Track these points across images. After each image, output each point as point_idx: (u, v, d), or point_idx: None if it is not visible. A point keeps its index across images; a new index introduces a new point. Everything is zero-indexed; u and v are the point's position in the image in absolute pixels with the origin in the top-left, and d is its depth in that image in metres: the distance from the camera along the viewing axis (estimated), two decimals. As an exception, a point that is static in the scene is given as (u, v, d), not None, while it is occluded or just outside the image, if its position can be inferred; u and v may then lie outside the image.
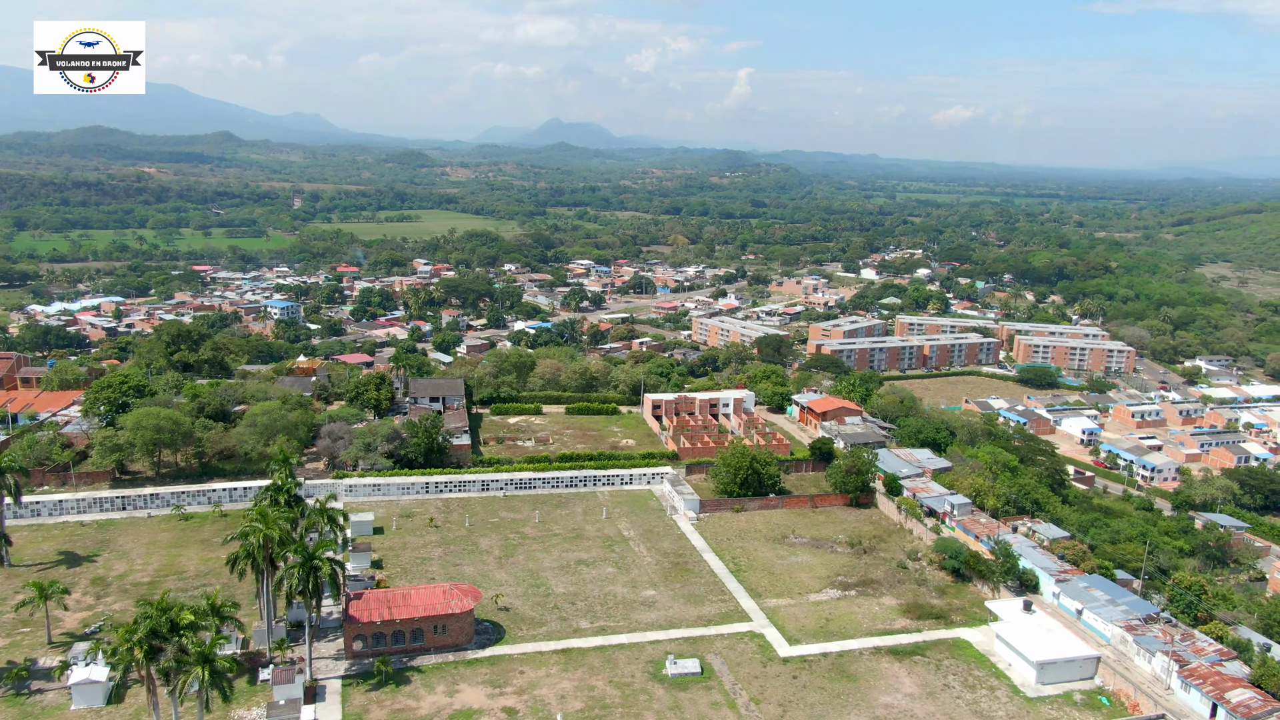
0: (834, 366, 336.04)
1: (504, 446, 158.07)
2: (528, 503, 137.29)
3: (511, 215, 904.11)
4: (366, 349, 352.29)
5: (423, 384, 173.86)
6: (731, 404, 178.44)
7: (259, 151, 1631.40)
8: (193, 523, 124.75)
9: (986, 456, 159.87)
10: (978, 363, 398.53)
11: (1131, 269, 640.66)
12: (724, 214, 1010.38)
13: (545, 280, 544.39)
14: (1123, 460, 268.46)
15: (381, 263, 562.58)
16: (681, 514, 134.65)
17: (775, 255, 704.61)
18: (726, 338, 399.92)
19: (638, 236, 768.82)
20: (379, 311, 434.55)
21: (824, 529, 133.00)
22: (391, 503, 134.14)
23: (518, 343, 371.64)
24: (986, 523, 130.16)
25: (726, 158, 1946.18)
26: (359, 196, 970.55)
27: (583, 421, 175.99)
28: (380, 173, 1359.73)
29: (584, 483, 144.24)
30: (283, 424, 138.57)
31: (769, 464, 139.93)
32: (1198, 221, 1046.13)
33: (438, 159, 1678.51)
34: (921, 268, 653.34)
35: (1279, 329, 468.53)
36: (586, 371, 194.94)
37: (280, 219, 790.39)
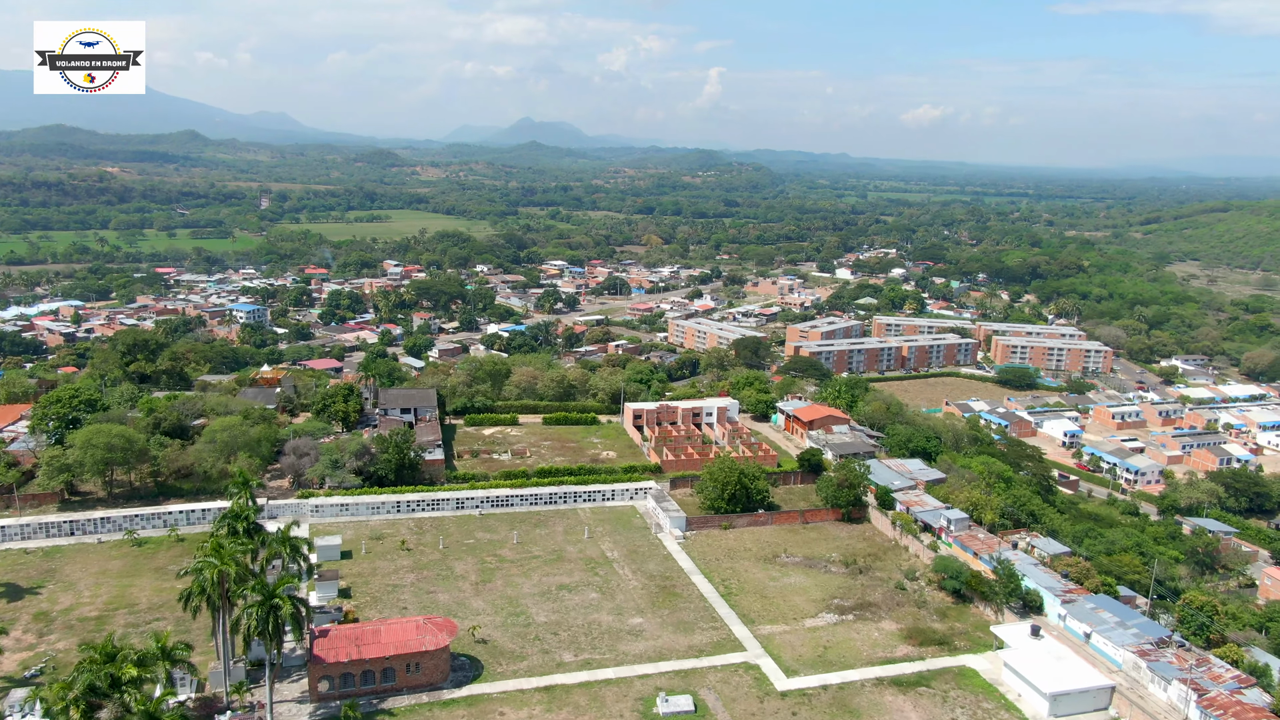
0: (813, 369, 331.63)
1: (479, 460, 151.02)
2: (505, 521, 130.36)
3: (483, 215, 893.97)
4: (335, 353, 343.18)
5: (393, 394, 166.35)
6: (715, 413, 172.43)
7: (226, 151, 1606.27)
8: (146, 548, 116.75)
9: (980, 467, 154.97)
10: (956, 363, 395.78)
11: (1103, 268, 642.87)
12: (697, 213, 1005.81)
13: (518, 281, 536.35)
14: (1105, 463, 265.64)
15: (351, 264, 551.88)
16: (667, 532, 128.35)
17: (750, 255, 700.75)
18: (703, 340, 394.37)
19: (611, 236, 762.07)
20: (348, 315, 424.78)
21: (816, 547, 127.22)
22: (361, 524, 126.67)
23: (491, 346, 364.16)
24: (985, 538, 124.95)
25: (698, 157, 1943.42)
26: (328, 196, 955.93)
27: (561, 432, 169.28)
28: (349, 172, 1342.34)
29: (564, 499, 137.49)
30: (244, 440, 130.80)
31: (757, 478, 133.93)
32: (1165, 220, 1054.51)
33: (408, 158, 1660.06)
34: (896, 267, 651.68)
35: (1252, 328, 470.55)
36: (564, 379, 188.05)
37: (247, 220, 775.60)
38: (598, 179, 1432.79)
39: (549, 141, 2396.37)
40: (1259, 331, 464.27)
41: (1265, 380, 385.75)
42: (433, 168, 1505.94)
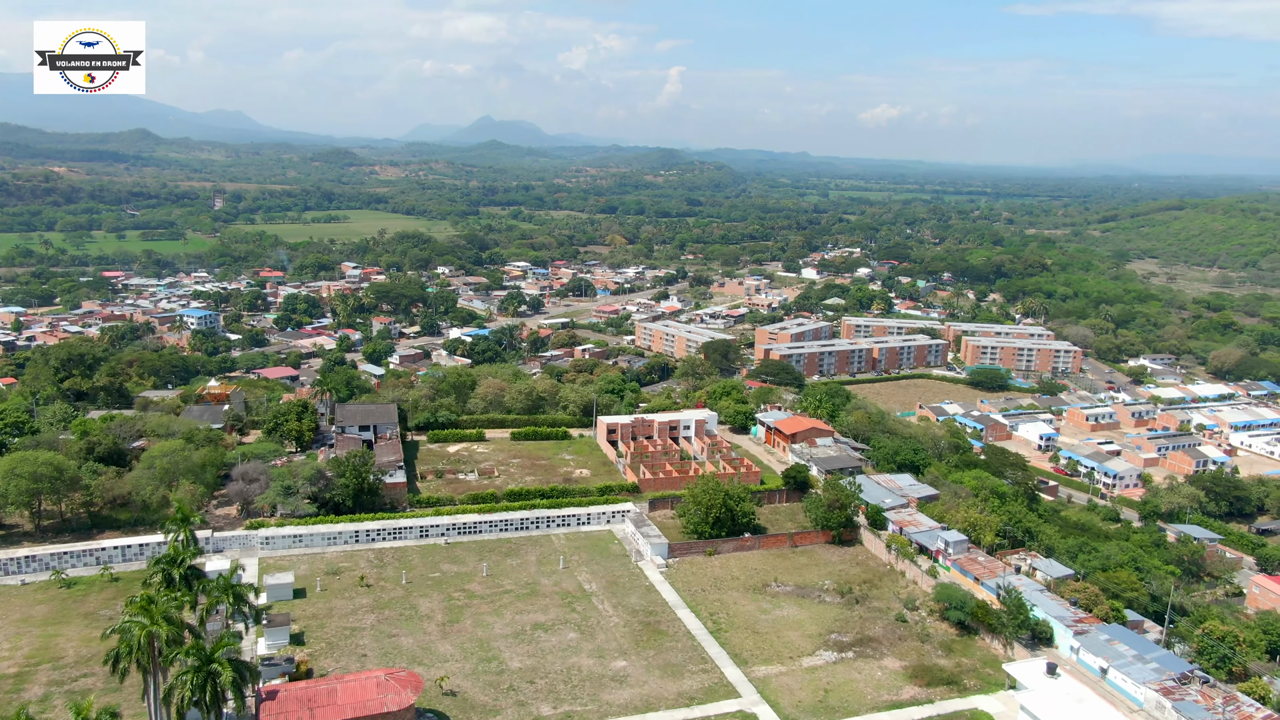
0: (785, 372, 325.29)
1: (444, 482, 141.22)
2: (473, 551, 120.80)
3: (444, 215, 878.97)
4: (291, 361, 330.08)
5: (351, 410, 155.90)
6: (693, 426, 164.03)
7: (178, 150, 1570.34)
8: (76, 590, 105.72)
9: (972, 482, 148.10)
10: (926, 365, 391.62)
11: (1066, 266, 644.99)
12: (660, 213, 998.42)
13: (481, 283, 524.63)
14: (1083, 467, 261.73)
15: (308, 266, 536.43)
16: (648, 560, 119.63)
17: (715, 255, 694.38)
18: (671, 343, 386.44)
19: (574, 236, 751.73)
20: (305, 319, 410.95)
21: (808, 573, 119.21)
22: (316, 556, 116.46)
23: (454, 352, 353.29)
24: (985, 562, 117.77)
25: (660, 156, 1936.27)
26: (284, 196, 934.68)
27: (531, 448, 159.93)
28: (306, 171, 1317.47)
29: (536, 525, 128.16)
30: (186, 466, 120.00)
31: (743, 499, 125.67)
32: (1123, 218, 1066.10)
33: (366, 157, 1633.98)
34: (862, 267, 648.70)
35: (1216, 326, 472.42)
36: (533, 391, 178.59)
37: (200, 221, 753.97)
38: (559, 178, 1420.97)
39: (510, 140, 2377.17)
40: (1223, 330, 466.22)
41: (1232, 379, 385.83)
42: (392, 167, 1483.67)
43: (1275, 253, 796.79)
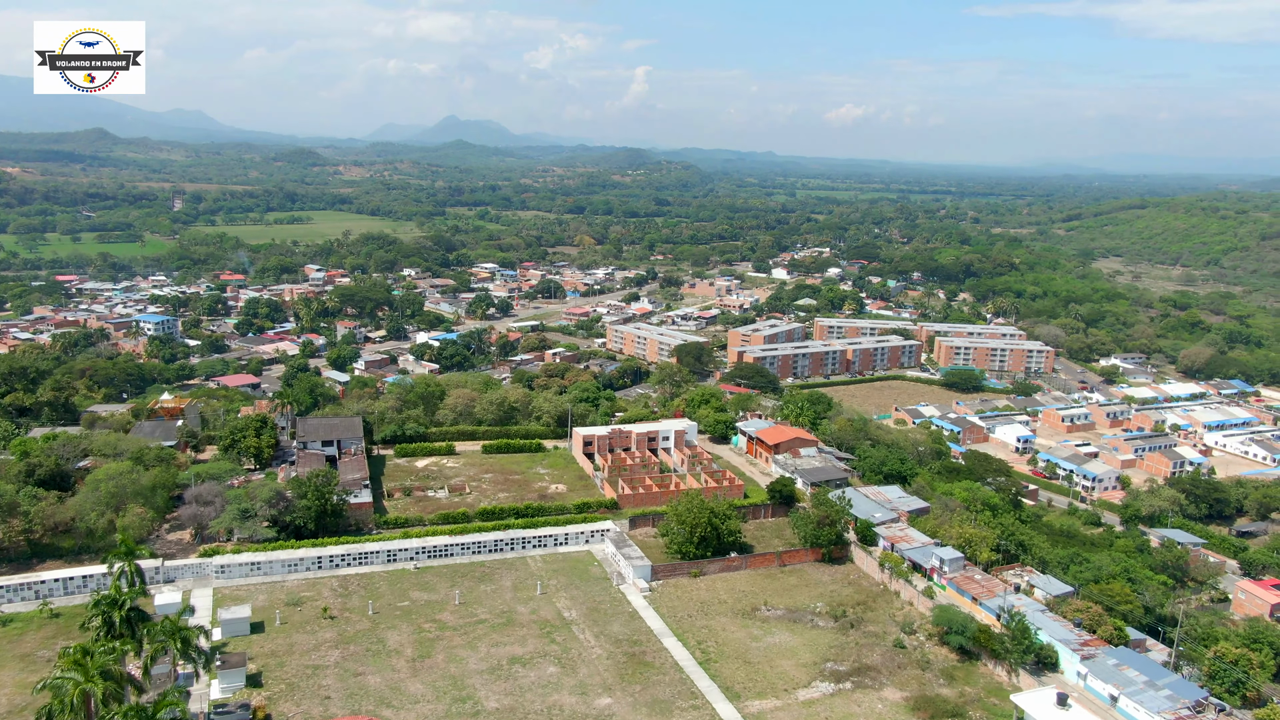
0: (759, 375, 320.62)
1: (413, 500, 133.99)
2: (444, 576, 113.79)
3: (409, 216, 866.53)
4: (253, 368, 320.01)
5: (313, 425, 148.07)
6: (672, 436, 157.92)
7: (137, 150, 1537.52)
8: (12, 629, 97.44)
9: (963, 494, 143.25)
10: (900, 366, 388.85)
11: (1034, 265, 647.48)
12: (628, 213, 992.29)
13: (448, 286, 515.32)
14: (1062, 469, 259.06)
15: (270, 269, 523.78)
16: (630, 583, 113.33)
17: (684, 255, 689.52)
18: (643, 346, 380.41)
19: (542, 237, 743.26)
20: (267, 324, 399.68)
21: (798, 595, 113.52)
22: (275, 585, 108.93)
23: (421, 357, 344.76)
24: (983, 580, 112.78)
25: (627, 155, 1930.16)
26: (245, 197, 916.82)
27: (503, 462, 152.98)
28: (269, 172, 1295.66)
29: (511, 546, 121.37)
30: (135, 489, 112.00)
31: (729, 517, 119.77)
32: (1086, 217, 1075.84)
33: (330, 157, 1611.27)
34: (832, 267, 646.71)
35: (1184, 325, 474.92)
36: (505, 401, 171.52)
37: (159, 222, 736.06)
38: (526, 178, 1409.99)
39: (476, 140, 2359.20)
40: (1190, 328, 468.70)
41: (1202, 378, 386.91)
42: (356, 167, 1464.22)
43: (1236, 251, 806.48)
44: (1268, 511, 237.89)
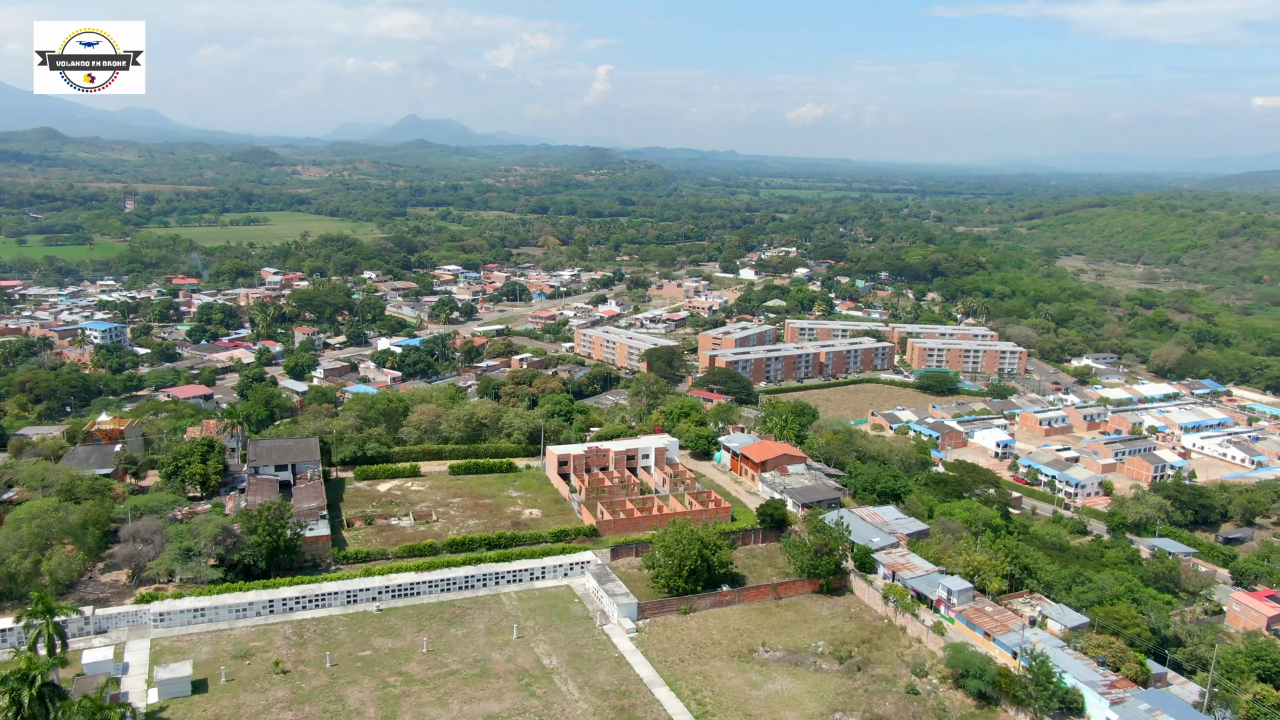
0: (732, 380, 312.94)
1: (375, 530, 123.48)
2: (411, 619, 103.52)
3: (369, 216, 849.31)
4: (205, 378, 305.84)
5: (265, 447, 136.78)
6: (652, 454, 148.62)
7: (87, 149, 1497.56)
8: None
9: (963, 514, 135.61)
10: (874, 368, 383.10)
11: (1000, 264, 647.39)
12: (592, 212, 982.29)
13: (410, 289, 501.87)
14: (1043, 476, 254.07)
15: (225, 273, 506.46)
16: (615, 623, 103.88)
17: (651, 256, 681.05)
18: (612, 350, 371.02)
19: (506, 238, 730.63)
20: (221, 331, 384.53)
21: (798, 633, 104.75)
22: (221, 635, 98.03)
23: (383, 364, 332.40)
24: (995, 613, 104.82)
25: (590, 155, 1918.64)
26: (200, 198, 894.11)
27: (472, 484, 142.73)
28: (225, 171, 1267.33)
29: (483, 583, 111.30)
30: (62, 528, 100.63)
31: (720, 547, 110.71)
32: (1047, 215, 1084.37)
33: (288, 157, 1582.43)
34: (800, 267, 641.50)
35: (1152, 324, 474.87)
36: (473, 417, 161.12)
37: (109, 224, 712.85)
38: (489, 177, 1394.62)
39: (437, 139, 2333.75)
40: (1159, 327, 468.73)
41: (1174, 378, 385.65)
42: (315, 166, 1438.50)
43: (1196, 249, 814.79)
44: (1252, 516, 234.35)
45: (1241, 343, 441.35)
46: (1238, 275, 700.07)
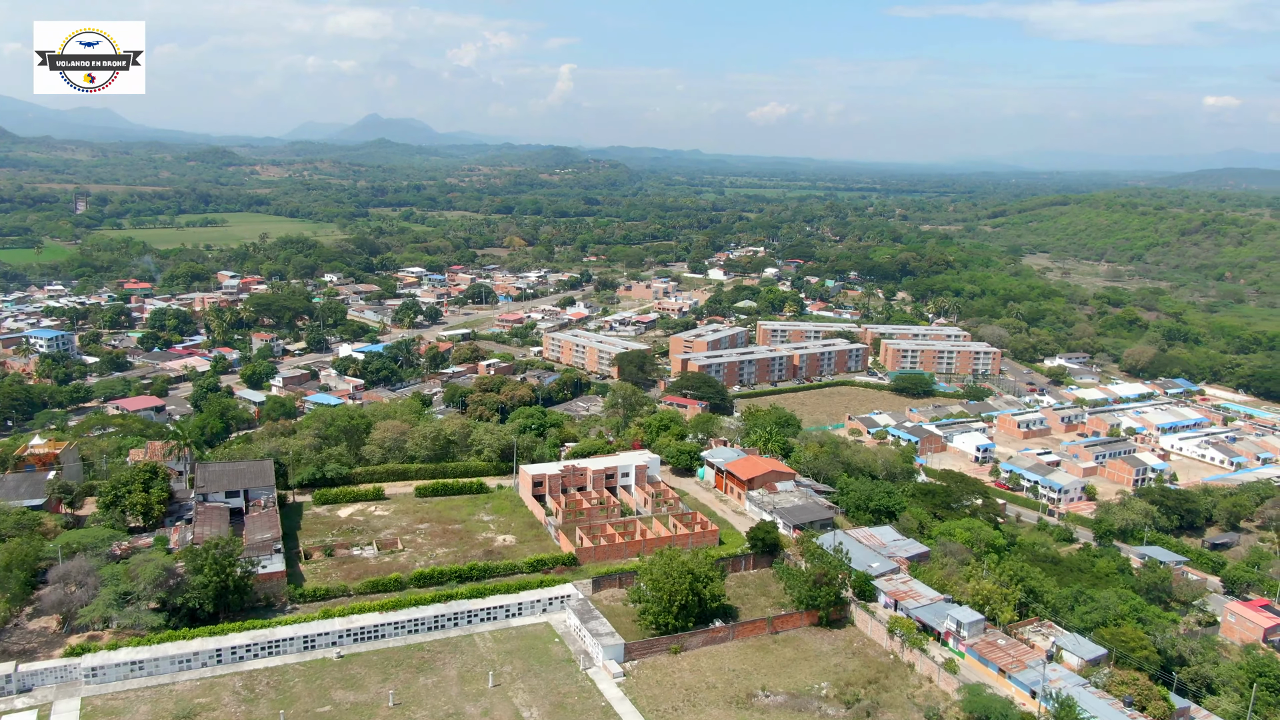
0: (706, 385, 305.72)
1: (335, 562, 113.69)
2: (375, 667, 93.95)
3: (330, 217, 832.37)
4: (157, 388, 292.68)
5: (216, 472, 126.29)
6: (633, 472, 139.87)
7: (38, 149, 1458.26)
8: None
9: (964, 534, 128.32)
10: (848, 371, 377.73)
11: (968, 263, 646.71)
12: (558, 212, 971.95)
13: (372, 292, 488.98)
14: (1026, 481, 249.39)
15: (179, 277, 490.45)
16: (600, 666, 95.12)
17: (618, 256, 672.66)
18: (582, 354, 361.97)
19: (470, 239, 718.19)
20: (175, 338, 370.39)
21: (799, 673, 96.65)
22: (162, 690, 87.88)
23: (345, 372, 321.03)
24: (1009, 647, 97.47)
25: (554, 154, 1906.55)
26: (155, 199, 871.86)
27: (440, 508, 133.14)
28: (181, 172, 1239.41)
29: (455, 622, 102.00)
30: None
31: (711, 579, 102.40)
32: (1011, 213, 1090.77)
33: (247, 156, 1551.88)
34: (768, 266, 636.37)
35: (1123, 323, 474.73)
36: (440, 435, 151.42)
37: (59, 227, 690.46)
38: (452, 177, 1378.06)
39: (398, 139, 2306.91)
40: (1129, 326, 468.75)
41: (1147, 377, 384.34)
42: (274, 166, 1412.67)
43: (1158, 246, 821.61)
44: (1237, 520, 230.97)
45: (1210, 341, 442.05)
46: (1200, 272, 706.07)
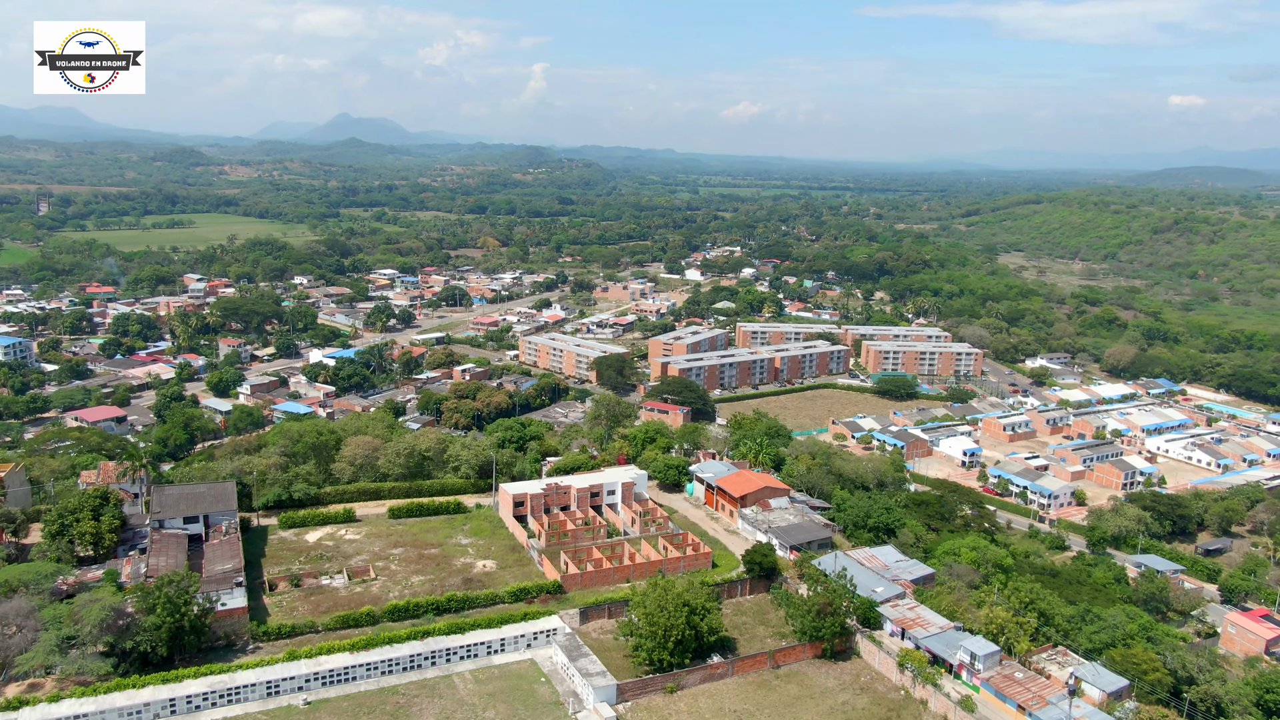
0: (687, 390, 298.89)
1: (302, 593, 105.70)
2: (346, 714, 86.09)
3: (301, 218, 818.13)
4: (119, 397, 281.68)
5: (173, 495, 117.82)
6: (619, 490, 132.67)
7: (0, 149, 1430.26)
8: None
9: (970, 554, 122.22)
10: (830, 373, 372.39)
11: (945, 262, 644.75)
12: (532, 212, 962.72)
13: (344, 295, 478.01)
14: (1014, 486, 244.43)
15: (144, 280, 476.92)
16: (590, 709, 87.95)
17: (594, 257, 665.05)
18: (559, 358, 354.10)
19: (444, 240, 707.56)
20: (138, 344, 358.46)
21: (804, 713, 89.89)
22: (108, 747, 79.93)
23: (315, 378, 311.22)
24: (1027, 681, 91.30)
25: (527, 153, 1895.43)
26: (120, 200, 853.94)
27: (415, 530, 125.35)
28: (148, 172, 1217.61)
29: (432, 661, 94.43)
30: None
31: (709, 611, 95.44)
32: (984, 212, 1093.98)
33: (215, 156, 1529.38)
34: (746, 267, 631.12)
35: (1102, 322, 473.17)
36: (414, 451, 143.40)
37: (20, 228, 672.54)
38: (424, 177, 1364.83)
39: (370, 138, 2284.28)
40: (1108, 325, 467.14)
41: (1128, 377, 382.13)
42: (243, 166, 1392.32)
43: (1131, 244, 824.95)
44: (1229, 525, 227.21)
45: (1189, 340, 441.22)
46: (1174, 271, 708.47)
